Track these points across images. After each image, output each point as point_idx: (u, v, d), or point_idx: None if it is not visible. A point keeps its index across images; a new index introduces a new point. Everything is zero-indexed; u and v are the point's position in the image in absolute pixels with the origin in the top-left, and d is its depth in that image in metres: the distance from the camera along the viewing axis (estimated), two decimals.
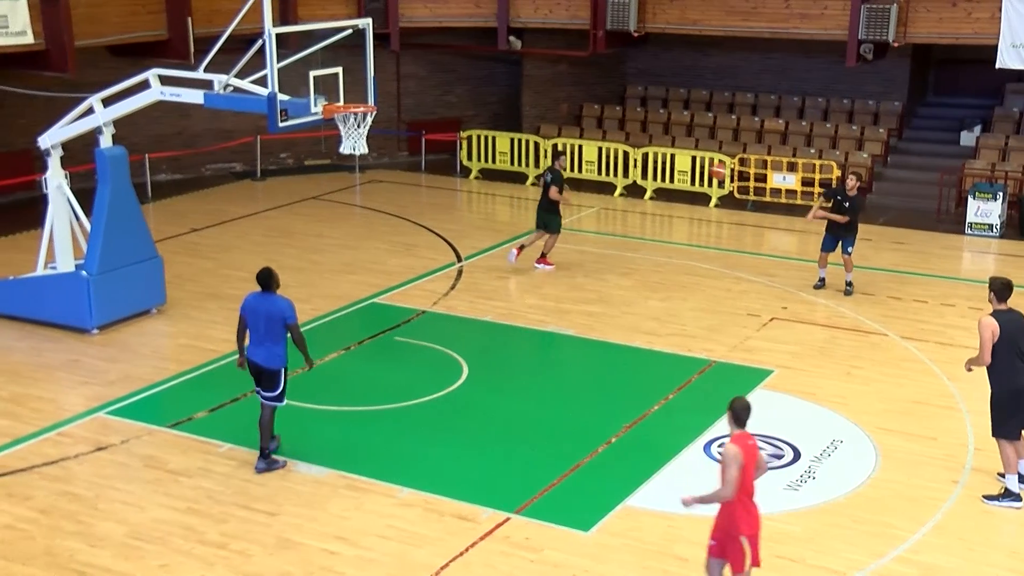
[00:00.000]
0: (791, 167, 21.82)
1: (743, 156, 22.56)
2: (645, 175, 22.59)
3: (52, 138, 14.65)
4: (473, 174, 24.24)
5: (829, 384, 13.20)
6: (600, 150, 23.16)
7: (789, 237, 20.01)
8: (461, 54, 26.18)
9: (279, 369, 10.78)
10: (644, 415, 12.33)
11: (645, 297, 16.29)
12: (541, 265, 17.50)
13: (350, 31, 14.35)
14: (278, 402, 10.92)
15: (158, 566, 9.36)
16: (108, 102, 14.42)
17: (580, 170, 23.08)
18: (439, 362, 13.82)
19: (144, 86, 14.13)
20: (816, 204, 16.59)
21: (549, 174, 17.34)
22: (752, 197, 21.82)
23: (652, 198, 22.33)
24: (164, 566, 9.36)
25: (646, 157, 22.58)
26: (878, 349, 14.37)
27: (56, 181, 14.73)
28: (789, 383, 13.21)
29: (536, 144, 23.70)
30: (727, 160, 21.88)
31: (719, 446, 11.39)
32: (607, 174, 22.98)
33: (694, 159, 22.24)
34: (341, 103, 13.79)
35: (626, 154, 22.88)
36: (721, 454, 7.97)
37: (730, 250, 18.93)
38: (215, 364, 13.64)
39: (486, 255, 18.35)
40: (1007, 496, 10.44)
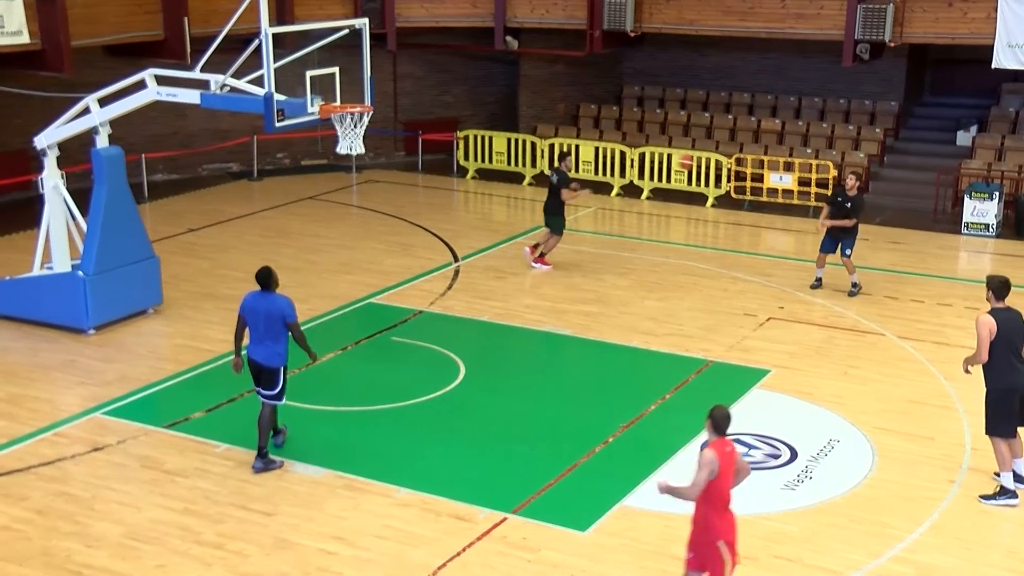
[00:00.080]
0: (788, 167, 21.83)
1: (740, 156, 22.59)
2: (642, 175, 22.60)
3: (48, 138, 14.63)
4: (470, 174, 24.23)
5: (826, 384, 13.20)
6: (597, 150, 23.17)
7: (786, 237, 20.02)
8: (458, 54, 26.17)
9: (278, 367, 10.78)
10: (641, 415, 12.32)
11: (642, 297, 16.29)
12: (538, 265, 17.50)
13: (347, 31, 14.35)
14: (277, 400, 10.92)
15: (155, 566, 9.35)
16: (104, 102, 14.41)
17: (577, 170, 23.01)
18: (436, 362, 13.81)
19: (140, 86, 14.12)
20: (823, 213, 16.41)
21: (555, 175, 17.31)
22: (749, 197, 21.82)
23: (649, 198, 22.34)
24: (161, 566, 9.35)
25: (643, 157, 22.59)
26: (875, 349, 14.37)
27: (52, 181, 14.71)
28: (786, 383, 13.22)
29: (533, 144, 23.69)
30: (694, 154, 21.93)
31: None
32: (604, 174, 22.98)
33: (691, 159, 22.23)
34: (338, 103, 13.79)
35: (623, 154, 22.89)
36: (698, 456, 7.90)
37: (727, 250, 18.93)
38: (212, 364, 13.62)
39: (483, 255, 18.35)
40: (1003, 494, 10.45)
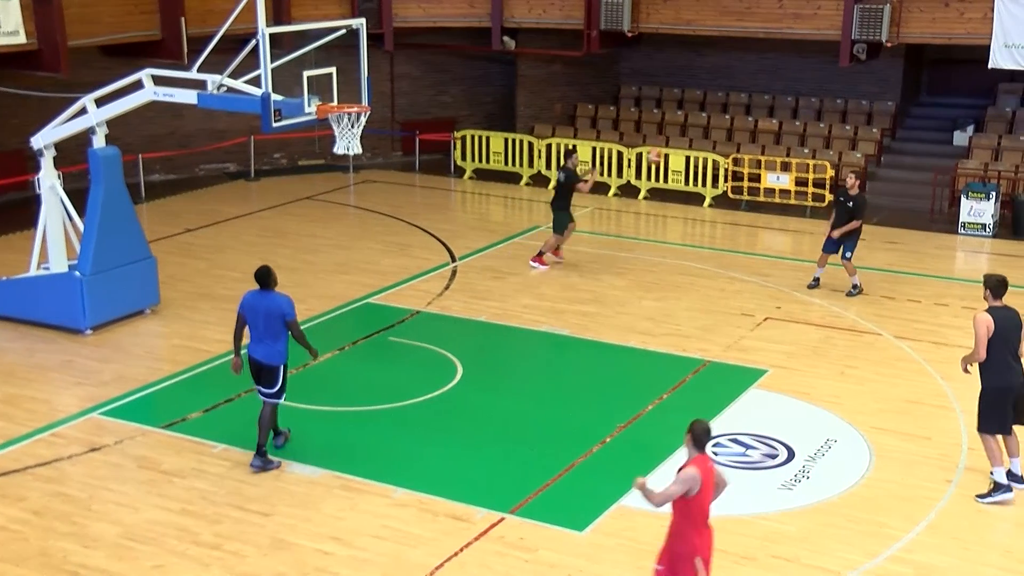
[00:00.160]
0: (785, 167, 21.84)
1: (737, 156, 22.60)
2: (639, 175, 22.61)
3: (45, 138, 14.62)
4: (467, 174, 24.23)
5: (823, 384, 13.21)
6: (594, 150, 23.16)
7: (783, 237, 20.03)
8: (455, 54, 26.17)
9: (278, 366, 10.78)
10: (638, 415, 12.32)
11: (639, 297, 16.29)
12: (536, 264, 17.50)
13: (344, 31, 14.35)
14: (277, 399, 10.93)
15: (152, 567, 9.34)
16: (101, 102, 14.39)
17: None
18: (433, 362, 13.81)
19: (137, 86, 14.11)
20: (831, 219, 16.35)
21: (562, 173, 17.42)
22: (746, 197, 21.83)
23: (646, 198, 22.34)
24: (158, 567, 9.34)
25: (640, 157, 22.59)
26: (872, 349, 14.38)
27: (49, 181, 14.70)
28: (783, 383, 13.22)
29: (530, 144, 23.69)
30: (662, 149, 21.96)
31: (714, 445, 11.41)
32: (602, 174, 22.97)
33: (688, 159, 22.25)
34: (335, 103, 13.78)
35: (620, 154, 22.88)
36: (678, 472, 7.68)
37: (724, 250, 18.94)
38: (209, 364, 13.61)
39: (480, 255, 18.34)
40: (997, 489, 10.46)
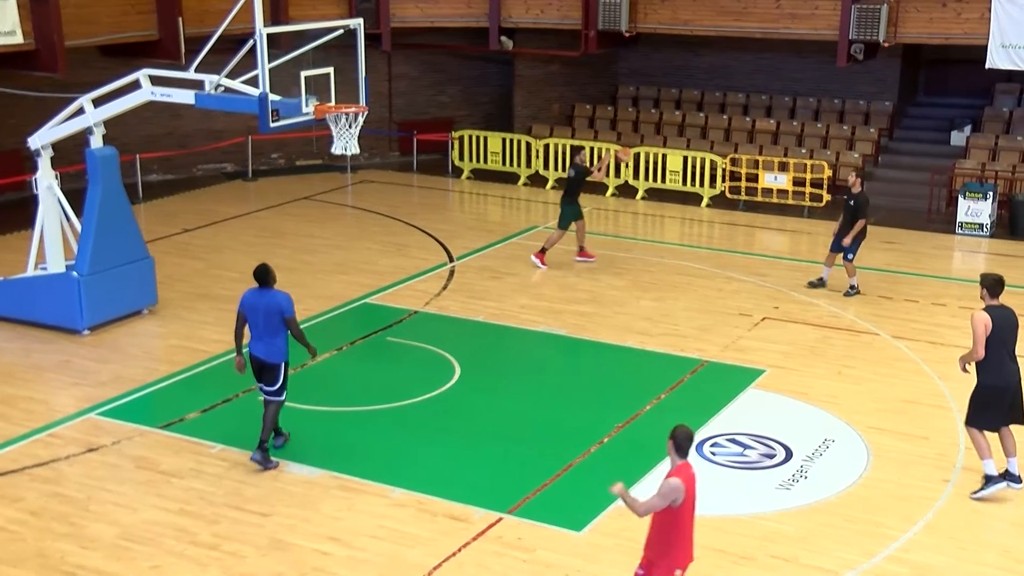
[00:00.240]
0: (782, 167, 21.84)
1: (734, 156, 22.60)
2: (636, 175, 22.61)
3: (42, 138, 14.61)
4: (465, 174, 24.23)
5: (821, 383, 13.22)
6: (592, 150, 23.14)
7: (780, 237, 20.04)
8: (453, 54, 26.16)
9: (279, 363, 10.79)
10: (636, 415, 12.33)
11: (637, 297, 16.29)
12: (536, 260, 17.52)
13: (341, 31, 14.35)
14: (278, 396, 10.93)
15: (150, 567, 9.34)
16: (98, 102, 14.38)
17: None
18: (431, 362, 13.81)
19: (135, 86, 14.10)
20: (839, 223, 16.36)
21: (573, 170, 17.64)
22: (743, 197, 21.84)
23: (644, 198, 22.34)
24: (156, 567, 9.34)
25: (637, 157, 22.59)
26: (870, 349, 14.39)
27: (46, 181, 14.68)
28: (781, 383, 13.23)
29: (528, 144, 23.68)
30: (632, 149, 21.97)
31: (711, 445, 11.43)
32: (600, 171, 22.93)
33: (686, 159, 22.26)
34: (332, 103, 13.78)
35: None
36: (662, 483, 7.57)
37: (722, 250, 18.95)
38: (207, 365, 13.60)
39: (478, 255, 18.34)
40: (988, 482, 10.48)
